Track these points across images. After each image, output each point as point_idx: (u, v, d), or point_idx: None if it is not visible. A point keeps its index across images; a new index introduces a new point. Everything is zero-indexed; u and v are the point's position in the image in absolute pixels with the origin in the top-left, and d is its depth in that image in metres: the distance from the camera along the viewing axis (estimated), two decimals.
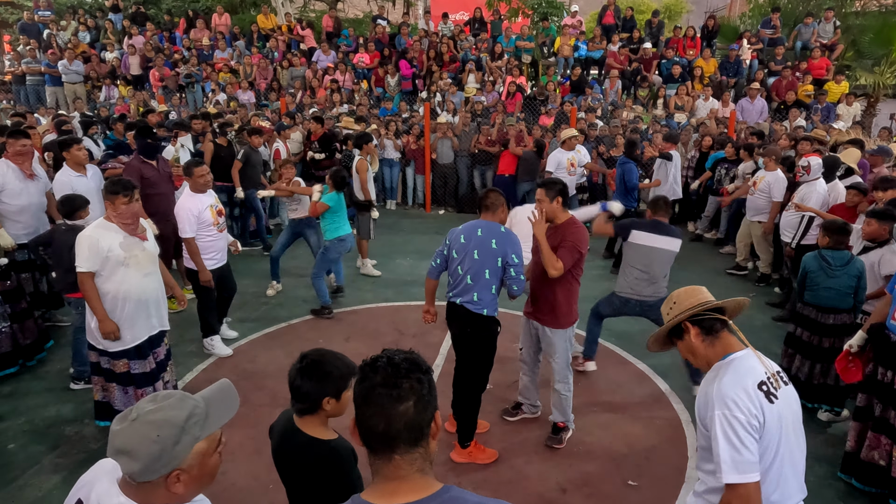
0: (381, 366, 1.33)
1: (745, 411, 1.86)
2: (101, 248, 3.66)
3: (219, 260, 5.11)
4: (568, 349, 3.93)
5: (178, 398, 1.42)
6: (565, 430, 4.08)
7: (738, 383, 1.90)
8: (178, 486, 1.40)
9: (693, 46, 12.91)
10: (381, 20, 14.95)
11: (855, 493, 3.62)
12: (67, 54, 13.78)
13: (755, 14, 15.58)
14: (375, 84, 13.30)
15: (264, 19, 15.31)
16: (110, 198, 3.71)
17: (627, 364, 5.24)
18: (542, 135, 9.82)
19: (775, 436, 1.92)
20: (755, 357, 2.01)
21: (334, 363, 2.05)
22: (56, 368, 4.99)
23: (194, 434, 1.40)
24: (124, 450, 1.35)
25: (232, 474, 3.70)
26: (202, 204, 4.90)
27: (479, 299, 3.66)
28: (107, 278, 3.72)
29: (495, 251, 3.59)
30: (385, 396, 1.28)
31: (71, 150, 5.35)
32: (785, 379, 2.04)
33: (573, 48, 13.26)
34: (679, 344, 2.18)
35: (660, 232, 4.57)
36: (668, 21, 19.98)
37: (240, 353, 5.33)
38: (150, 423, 1.36)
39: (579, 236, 3.71)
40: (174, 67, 13.82)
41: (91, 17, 16.12)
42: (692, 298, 2.14)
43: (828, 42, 12.49)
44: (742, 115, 10.90)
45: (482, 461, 3.85)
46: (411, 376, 1.31)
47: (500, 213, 3.74)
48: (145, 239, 3.91)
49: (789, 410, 1.97)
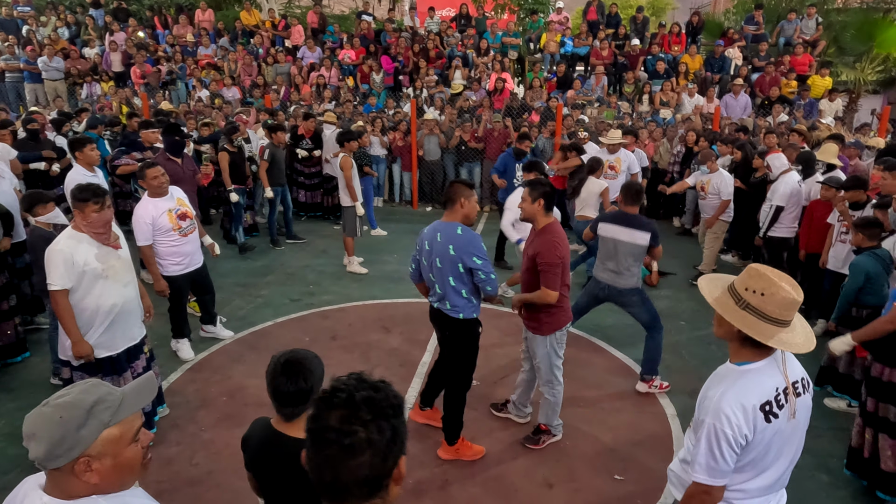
0: (339, 403, 1.13)
1: (735, 429, 1.88)
2: (77, 262, 3.38)
3: (187, 265, 4.88)
4: (550, 355, 3.79)
5: (92, 384, 1.42)
6: (547, 433, 4.01)
7: (740, 400, 1.89)
8: (89, 474, 1.36)
9: (678, 43, 12.99)
10: (366, 16, 14.87)
11: (838, 484, 3.67)
12: (47, 51, 13.55)
13: (739, 10, 15.72)
14: (361, 81, 13.24)
15: (248, 15, 15.16)
16: (79, 205, 3.41)
17: (613, 359, 5.26)
18: (534, 132, 9.81)
19: (763, 448, 1.94)
20: (776, 367, 1.95)
21: (316, 364, 1.99)
22: (37, 370, 4.92)
23: (102, 419, 1.38)
24: (30, 433, 1.35)
25: (217, 474, 3.67)
26: (158, 210, 4.65)
27: (452, 305, 3.59)
28: (85, 293, 3.46)
29: (454, 258, 3.46)
30: (335, 445, 1.09)
31: (84, 150, 5.38)
32: (806, 387, 2.01)
33: (559, 44, 13.28)
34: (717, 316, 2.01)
35: (626, 224, 4.44)
36: (654, 17, 20.09)
37: (225, 351, 5.28)
38: (56, 406, 1.37)
39: (550, 248, 3.52)
40: (157, 64, 13.65)
41: (71, 13, 15.87)
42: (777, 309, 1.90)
43: (810, 38, 12.63)
44: (726, 111, 10.98)
45: (469, 458, 3.85)
46: (371, 424, 1.11)
47: (460, 208, 3.55)
48: (119, 248, 3.64)
49: (792, 423, 1.96)
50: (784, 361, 1.97)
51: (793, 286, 1.90)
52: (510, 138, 9.96)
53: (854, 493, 3.61)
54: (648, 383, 4.64)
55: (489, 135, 10.05)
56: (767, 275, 1.90)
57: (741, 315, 1.91)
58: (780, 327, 1.89)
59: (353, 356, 5.21)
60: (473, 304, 3.62)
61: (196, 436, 4.07)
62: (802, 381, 2.01)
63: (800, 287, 1.93)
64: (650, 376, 4.64)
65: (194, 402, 4.46)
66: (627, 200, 4.49)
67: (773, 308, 1.88)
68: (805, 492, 3.59)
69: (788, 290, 1.88)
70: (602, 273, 4.64)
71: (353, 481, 1.11)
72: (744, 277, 1.96)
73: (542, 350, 3.79)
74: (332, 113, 9.63)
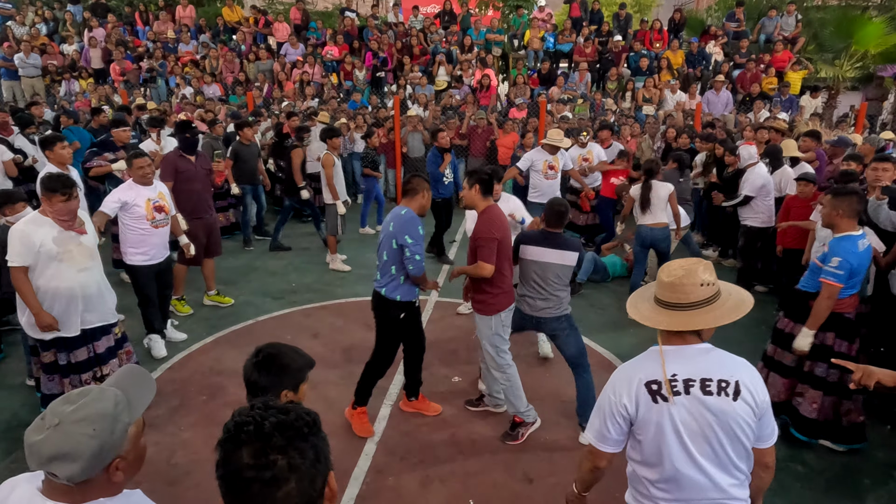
0: (246, 438, 1.04)
1: (616, 396, 1.99)
2: (33, 242, 3.57)
3: (153, 256, 4.90)
4: (492, 337, 3.88)
5: (97, 391, 1.41)
6: (522, 425, 4.00)
7: (627, 372, 2.03)
8: (118, 474, 1.41)
9: (660, 39, 13.07)
10: (349, 12, 14.79)
11: (811, 476, 3.73)
12: (24, 47, 13.33)
13: (721, 7, 15.86)
14: (344, 78, 13.18)
15: (230, 12, 15.01)
16: (47, 194, 3.59)
17: (593, 353, 5.29)
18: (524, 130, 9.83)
19: (654, 431, 1.94)
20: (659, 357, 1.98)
21: (290, 356, 2.03)
22: (12, 370, 4.85)
23: (125, 420, 1.41)
24: (59, 455, 1.31)
25: (196, 474, 3.65)
26: (138, 195, 4.75)
27: (379, 279, 3.90)
28: (39, 274, 3.65)
29: (391, 233, 3.75)
30: (256, 483, 1.02)
31: (54, 149, 5.19)
32: (727, 389, 1.91)
33: (543, 41, 13.31)
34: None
35: (554, 246, 3.94)
36: (639, 14, 20.22)
37: (205, 350, 5.24)
38: (81, 421, 1.33)
39: (486, 225, 3.71)
40: (137, 61, 13.48)
41: (49, 9, 15.61)
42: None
43: (790, 35, 12.78)
44: (708, 107, 11.08)
45: (357, 431, 4.04)
46: (289, 449, 1.04)
47: (420, 198, 3.82)
48: (83, 233, 3.80)
49: (704, 421, 1.91)
50: (662, 353, 1.97)
51: (685, 271, 1.97)
52: (494, 135, 9.98)
53: (827, 484, 3.66)
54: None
55: (473, 131, 10.05)
56: (669, 264, 2.03)
57: (646, 306, 2.08)
58: (668, 309, 1.98)
59: (335, 354, 5.19)
60: (398, 284, 3.84)
61: (175, 435, 4.03)
62: (720, 383, 1.91)
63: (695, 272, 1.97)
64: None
65: (173, 402, 4.42)
66: (552, 221, 4.02)
67: (660, 292, 2.02)
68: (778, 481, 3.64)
69: (669, 273, 1.99)
70: (529, 301, 4.04)
71: None
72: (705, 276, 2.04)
73: (487, 331, 3.88)
74: (325, 113, 9.53)
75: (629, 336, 5.58)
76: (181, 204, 5.56)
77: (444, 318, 5.89)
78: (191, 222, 5.60)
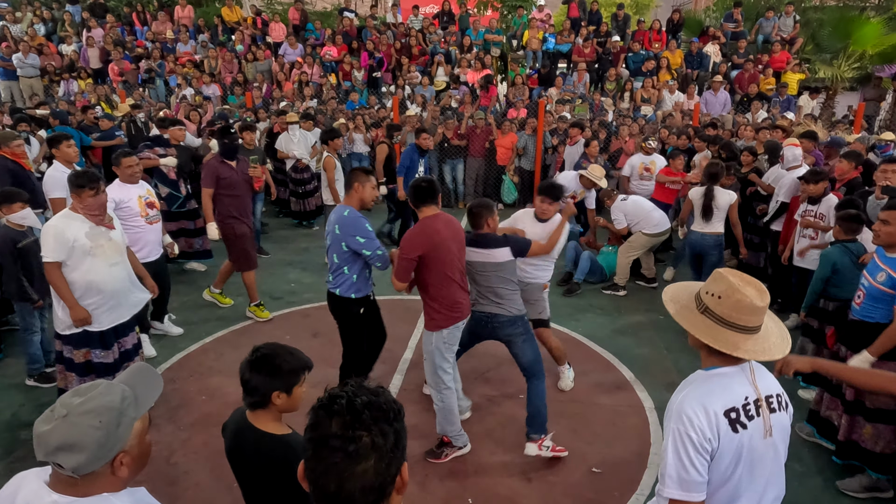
0: (339, 410, 1.10)
1: (698, 431, 1.74)
2: (67, 237, 3.64)
3: (148, 253, 4.95)
4: (434, 353, 3.66)
5: (105, 385, 1.44)
6: (449, 445, 3.81)
7: (701, 402, 1.77)
8: (122, 468, 1.43)
9: (658, 40, 13.10)
10: (348, 13, 14.81)
11: (809, 473, 3.74)
12: (22, 47, 13.32)
13: (719, 8, 15.92)
14: (343, 78, 13.19)
15: (229, 12, 15.02)
16: (77, 191, 3.70)
17: (592, 352, 5.31)
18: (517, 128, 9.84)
19: (730, 463, 1.80)
20: (744, 376, 1.83)
21: (285, 357, 2.03)
22: (11, 371, 4.86)
23: (131, 415, 1.44)
24: (65, 445, 1.35)
25: (195, 474, 3.66)
26: (128, 194, 4.81)
27: (332, 280, 3.92)
28: (73, 268, 3.72)
29: (338, 237, 3.76)
30: (339, 452, 1.07)
31: (60, 147, 5.28)
32: (783, 405, 1.89)
33: (542, 41, 13.33)
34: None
35: (482, 246, 3.76)
36: (637, 15, 20.26)
37: (206, 350, 5.25)
38: (87, 413, 1.37)
39: (407, 241, 3.52)
40: (136, 61, 13.48)
41: (47, 9, 15.60)
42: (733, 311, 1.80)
43: (788, 36, 12.81)
44: (706, 108, 11.11)
45: None
46: (374, 428, 1.09)
47: (355, 193, 3.83)
48: (112, 228, 3.90)
49: (767, 443, 1.82)
50: (752, 372, 1.84)
51: (757, 291, 1.80)
52: (492, 135, 9.99)
53: (825, 482, 3.68)
54: (538, 443, 3.76)
55: (472, 132, 10.07)
56: (728, 278, 1.81)
57: (698, 319, 1.84)
58: (742, 333, 1.79)
59: (335, 353, 5.16)
60: (354, 283, 3.86)
61: (174, 435, 4.04)
62: (778, 398, 1.87)
63: (767, 292, 1.83)
64: (538, 435, 3.79)
65: (173, 401, 4.43)
66: (472, 222, 3.82)
67: (727, 311, 1.78)
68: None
69: (744, 294, 1.77)
70: (480, 302, 3.85)
71: (359, 489, 1.08)
72: (708, 281, 1.89)
73: (428, 345, 3.70)
74: (293, 113, 9.36)
75: (627, 336, 5.60)
76: (223, 210, 5.56)
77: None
78: (237, 226, 5.60)
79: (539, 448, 3.75)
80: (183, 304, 6.16)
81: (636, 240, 6.51)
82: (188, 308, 6.10)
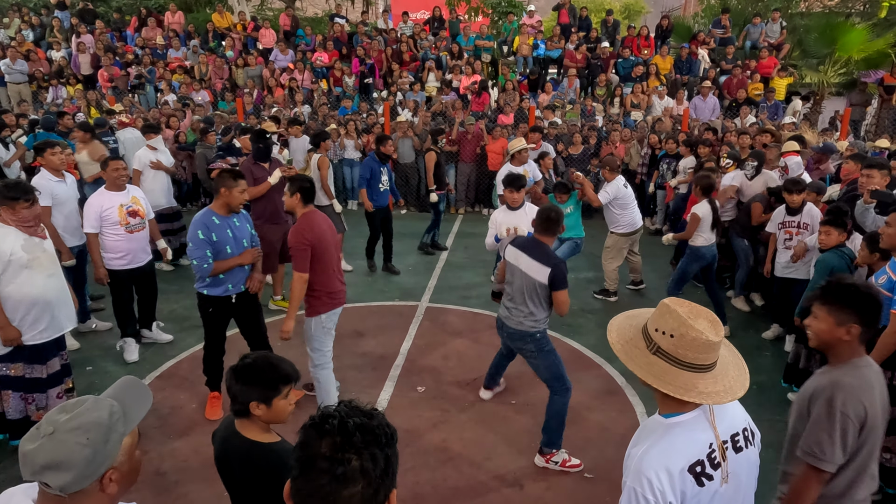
0: (329, 430, 1.06)
1: (657, 494, 1.59)
2: (3, 251, 3.55)
3: (130, 261, 4.93)
4: (314, 338, 4.00)
5: (92, 401, 1.40)
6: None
7: (664, 463, 1.60)
8: (111, 485, 1.40)
9: (647, 46, 13.21)
10: (339, 19, 14.82)
11: None
12: (10, 53, 13.22)
13: (707, 14, 16.06)
14: (334, 84, 13.19)
15: (220, 18, 14.99)
16: (10, 203, 3.59)
17: (583, 358, 5.32)
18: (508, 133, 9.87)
19: None
20: (705, 418, 1.67)
21: (265, 369, 2.01)
22: None
23: (120, 430, 1.40)
24: (52, 464, 1.31)
25: (185, 484, 3.62)
26: (110, 202, 4.80)
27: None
28: (9, 281, 3.61)
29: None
30: (326, 475, 1.04)
31: (45, 155, 5.14)
32: (749, 438, 1.75)
33: (532, 47, 13.40)
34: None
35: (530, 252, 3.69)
36: (627, 21, 20.41)
37: (196, 357, 5.18)
38: (74, 430, 1.33)
39: (296, 233, 3.80)
40: (126, 67, 13.41)
41: (36, 15, 15.51)
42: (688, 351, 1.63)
43: (775, 42, 12.95)
44: (695, 113, 11.19)
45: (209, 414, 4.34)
46: (364, 452, 1.06)
47: (220, 197, 3.96)
48: (45, 238, 3.84)
49: (732, 482, 1.68)
50: (712, 412, 1.67)
51: (710, 323, 1.62)
52: (484, 140, 10.02)
53: None
54: (547, 457, 3.80)
55: (463, 137, 10.09)
56: (677, 311, 1.62)
57: (649, 362, 1.66)
58: (698, 372, 1.61)
59: None
60: (204, 281, 4.01)
61: (164, 444, 4.01)
62: (744, 433, 1.73)
63: (719, 323, 1.66)
64: (549, 449, 3.80)
65: (163, 410, 4.39)
66: (539, 228, 3.74)
67: (684, 352, 1.60)
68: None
69: (700, 331, 1.59)
70: (505, 304, 3.88)
71: None
72: (654, 315, 1.69)
73: (308, 331, 4.02)
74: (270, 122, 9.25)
75: None
76: (258, 211, 5.66)
77: (434, 325, 5.90)
78: (269, 228, 5.70)
79: (546, 462, 3.82)
80: (171, 312, 6.12)
81: (612, 243, 6.57)
82: (176, 316, 6.05)
